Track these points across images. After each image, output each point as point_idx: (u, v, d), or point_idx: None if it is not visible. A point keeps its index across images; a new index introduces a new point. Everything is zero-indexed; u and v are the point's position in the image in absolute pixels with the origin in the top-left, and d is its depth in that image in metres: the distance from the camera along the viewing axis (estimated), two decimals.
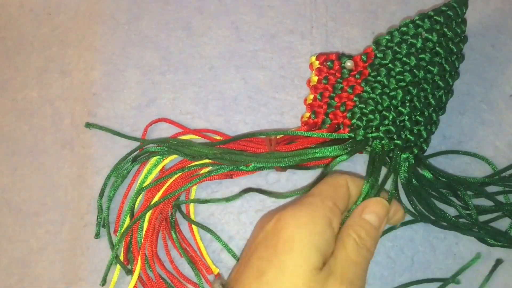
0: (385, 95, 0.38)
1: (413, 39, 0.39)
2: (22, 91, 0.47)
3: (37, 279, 0.41)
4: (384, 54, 0.39)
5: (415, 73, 0.38)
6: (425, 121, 0.38)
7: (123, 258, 0.39)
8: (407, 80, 0.38)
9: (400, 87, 0.38)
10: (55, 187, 0.44)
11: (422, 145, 0.38)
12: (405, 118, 0.38)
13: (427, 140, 0.38)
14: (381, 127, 0.37)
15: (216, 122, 0.44)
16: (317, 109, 0.40)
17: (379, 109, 0.38)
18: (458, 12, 0.39)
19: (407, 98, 0.38)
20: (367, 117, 0.38)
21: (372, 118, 0.38)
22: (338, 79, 0.41)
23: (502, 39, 0.46)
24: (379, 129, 0.37)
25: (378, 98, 0.38)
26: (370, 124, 0.38)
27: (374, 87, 0.39)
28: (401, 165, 0.38)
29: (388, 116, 0.38)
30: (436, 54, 0.39)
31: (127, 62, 0.46)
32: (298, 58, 0.46)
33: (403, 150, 0.37)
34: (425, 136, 0.38)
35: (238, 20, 0.47)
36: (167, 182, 0.40)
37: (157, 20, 0.48)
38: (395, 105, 0.38)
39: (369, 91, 0.39)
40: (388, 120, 0.37)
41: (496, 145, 0.42)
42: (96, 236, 0.41)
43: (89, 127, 0.44)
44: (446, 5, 0.40)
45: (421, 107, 0.38)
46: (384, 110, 0.38)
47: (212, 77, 0.46)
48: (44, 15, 0.50)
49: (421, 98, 0.38)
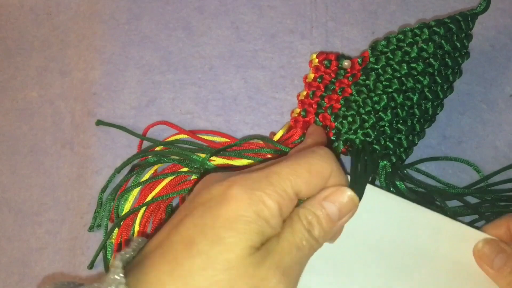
0: (369, 99, 0.38)
1: (408, 47, 0.39)
2: (22, 91, 0.47)
3: (37, 279, 0.41)
4: (376, 59, 0.39)
5: (403, 81, 0.38)
6: (407, 130, 0.38)
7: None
8: (394, 87, 0.38)
9: (385, 93, 0.38)
10: (55, 187, 0.44)
11: (401, 154, 0.38)
12: (385, 124, 0.38)
13: (407, 151, 0.38)
14: (359, 130, 0.37)
15: (216, 122, 0.44)
16: (308, 107, 0.40)
17: (361, 112, 0.38)
18: (462, 26, 0.39)
19: (391, 104, 0.38)
20: (347, 120, 0.38)
21: (351, 121, 0.38)
22: (332, 79, 0.41)
23: (502, 39, 0.46)
24: (357, 132, 0.37)
25: (361, 102, 0.38)
26: (350, 127, 0.38)
27: (360, 91, 0.39)
28: (380, 173, 0.38)
29: (367, 120, 0.38)
30: (429, 65, 0.38)
31: (127, 62, 0.47)
32: (298, 58, 0.46)
33: (381, 157, 0.37)
34: (405, 146, 0.38)
35: (238, 20, 0.47)
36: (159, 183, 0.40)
37: (157, 20, 0.48)
38: (376, 110, 0.38)
39: (355, 95, 0.39)
40: (367, 124, 0.37)
41: (496, 145, 0.42)
42: (90, 230, 0.41)
43: (99, 125, 0.44)
44: (449, 18, 0.39)
45: (404, 115, 0.38)
46: (365, 114, 0.38)
47: (212, 77, 0.46)
48: (44, 15, 0.50)
49: (405, 107, 0.38)
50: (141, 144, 0.43)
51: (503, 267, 0.33)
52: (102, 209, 0.41)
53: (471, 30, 0.40)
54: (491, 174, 0.41)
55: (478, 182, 0.41)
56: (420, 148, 0.41)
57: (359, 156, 0.36)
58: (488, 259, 0.33)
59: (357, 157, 0.35)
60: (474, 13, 0.40)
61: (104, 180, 0.43)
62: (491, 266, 0.33)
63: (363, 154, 0.36)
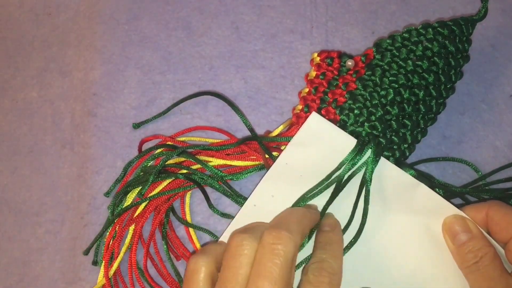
0: (375, 93, 0.39)
1: (413, 46, 0.39)
2: (22, 91, 0.47)
3: (37, 279, 0.41)
4: (382, 56, 0.40)
5: (409, 77, 0.39)
6: (412, 126, 0.38)
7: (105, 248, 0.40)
8: (400, 82, 0.38)
9: (392, 88, 0.38)
10: (55, 187, 0.44)
11: (405, 150, 0.38)
12: (392, 118, 0.38)
13: (410, 147, 0.39)
14: (366, 123, 0.38)
15: (216, 122, 0.44)
16: (310, 103, 0.40)
17: (368, 105, 0.38)
18: (463, 30, 0.40)
19: (397, 99, 0.38)
20: (353, 113, 0.38)
21: (358, 113, 0.38)
22: (335, 76, 0.41)
23: (502, 39, 0.46)
24: (364, 124, 0.38)
25: (368, 95, 0.39)
26: (357, 119, 0.38)
27: (366, 85, 0.39)
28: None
29: (375, 112, 0.38)
30: (433, 63, 0.39)
31: (127, 62, 0.47)
32: (298, 58, 0.46)
33: (386, 151, 0.38)
34: (410, 141, 0.38)
35: (238, 20, 0.47)
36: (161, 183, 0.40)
37: (157, 20, 0.48)
38: (383, 104, 0.38)
39: (361, 89, 0.39)
40: (374, 117, 0.38)
41: (496, 145, 0.42)
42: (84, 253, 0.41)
43: (137, 127, 0.44)
44: (452, 20, 0.40)
45: (410, 110, 0.38)
46: (372, 107, 0.38)
47: (212, 77, 0.46)
48: (44, 15, 0.50)
49: (411, 102, 0.38)
50: (141, 145, 0.43)
51: (462, 246, 0.33)
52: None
53: (471, 36, 0.41)
54: (489, 173, 0.41)
55: (476, 180, 0.41)
56: (420, 148, 0.41)
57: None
58: (452, 234, 0.34)
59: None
60: (473, 19, 0.40)
61: (104, 180, 0.43)
62: (453, 241, 0.34)
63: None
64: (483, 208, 0.34)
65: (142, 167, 0.41)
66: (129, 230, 0.40)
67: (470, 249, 0.33)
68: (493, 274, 0.32)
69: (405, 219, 0.35)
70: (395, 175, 0.36)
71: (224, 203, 0.41)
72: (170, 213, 0.41)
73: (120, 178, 0.42)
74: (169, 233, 0.40)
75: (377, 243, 0.35)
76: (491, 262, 0.32)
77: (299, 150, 0.36)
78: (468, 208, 0.35)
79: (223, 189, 0.39)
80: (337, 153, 0.36)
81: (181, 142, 0.43)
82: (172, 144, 0.42)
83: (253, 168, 0.40)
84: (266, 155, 0.39)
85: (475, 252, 0.32)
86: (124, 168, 0.42)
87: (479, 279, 0.32)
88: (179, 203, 0.41)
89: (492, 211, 0.34)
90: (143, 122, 0.44)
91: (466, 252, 0.33)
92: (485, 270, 0.32)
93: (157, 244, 0.40)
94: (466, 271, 0.33)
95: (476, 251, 0.32)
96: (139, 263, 0.40)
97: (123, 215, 0.40)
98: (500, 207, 0.34)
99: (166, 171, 0.40)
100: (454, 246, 0.34)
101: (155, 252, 0.40)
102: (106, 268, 0.38)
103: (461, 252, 0.33)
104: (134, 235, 0.39)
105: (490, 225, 0.34)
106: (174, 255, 0.40)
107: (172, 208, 0.41)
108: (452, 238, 0.34)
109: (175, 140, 0.42)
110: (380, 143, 0.37)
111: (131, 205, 0.39)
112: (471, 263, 0.32)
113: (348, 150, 0.36)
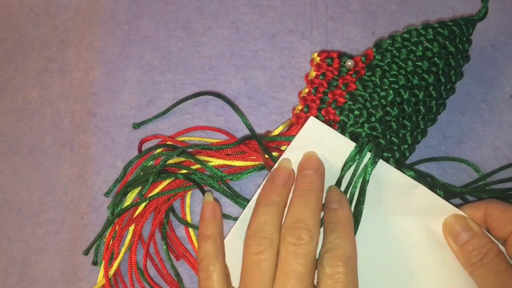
0: (375, 94, 0.38)
1: (413, 46, 0.39)
2: (22, 91, 0.47)
3: (36, 279, 0.41)
4: (382, 56, 0.40)
5: (409, 78, 0.38)
6: (412, 126, 0.38)
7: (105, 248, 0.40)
8: (400, 83, 0.38)
9: (392, 88, 0.38)
10: (55, 187, 0.44)
11: (404, 151, 0.38)
12: (392, 119, 0.38)
13: (410, 148, 0.39)
14: (366, 124, 0.38)
15: (216, 122, 0.44)
16: (310, 103, 0.40)
17: (367, 106, 0.38)
18: (464, 30, 0.40)
19: (397, 100, 0.38)
20: (353, 113, 0.38)
21: (358, 114, 0.38)
22: (335, 76, 0.41)
23: (502, 39, 0.46)
24: (364, 125, 0.38)
25: (368, 96, 0.39)
26: (357, 120, 0.38)
27: (366, 86, 0.39)
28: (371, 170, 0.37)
29: (375, 113, 0.38)
30: (433, 64, 0.39)
31: (127, 62, 0.47)
32: (298, 58, 0.46)
33: (385, 152, 0.38)
34: (409, 142, 0.38)
35: (238, 20, 0.47)
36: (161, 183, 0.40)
37: (157, 20, 0.48)
38: (383, 105, 0.38)
39: (361, 89, 0.39)
40: (374, 118, 0.38)
41: (496, 145, 0.42)
42: (84, 253, 0.41)
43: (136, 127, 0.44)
44: (452, 21, 0.40)
45: (410, 111, 0.38)
46: (372, 108, 0.38)
47: (212, 77, 0.46)
48: (44, 15, 0.50)
49: (411, 103, 0.38)
50: (141, 145, 0.43)
51: (465, 244, 0.33)
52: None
53: (471, 36, 0.41)
54: (489, 173, 0.41)
55: (476, 180, 0.41)
56: (420, 148, 0.41)
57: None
58: (453, 234, 0.34)
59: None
60: (474, 19, 0.40)
61: (104, 180, 0.43)
62: (455, 241, 0.33)
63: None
64: (481, 206, 0.34)
65: (142, 167, 0.41)
66: (129, 230, 0.40)
67: (474, 247, 0.33)
68: (499, 267, 0.31)
69: (404, 221, 0.35)
70: (393, 176, 0.36)
71: (224, 203, 0.41)
72: (170, 213, 0.41)
73: (120, 178, 0.42)
74: (169, 233, 0.40)
75: (377, 245, 0.35)
76: (496, 256, 0.32)
77: (298, 154, 0.36)
78: (466, 207, 0.35)
79: (222, 189, 0.39)
80: (335, 156, 0.36)
81: (181, 142, 0.43)
82: (172, 144, 0.42)
83: (253, 168, 0.40)
84: (266, 155, 0.39)
85: (479, 249, 0.32)
86: (124, 168, 0.42)
87: (485, 274, 0.32)
88: (179, 203, 0.41)
89: (490, 208, 0.34)
90: (143, 122, 0.44)
91: (470, 250, 0.33)
92: (490, 264, 0.32)
93: (157, 244, 0.40)
94: (471, 269, 0.33)
95: (480, 248, 0.32)
96: (139, 263, 0.40)
97: (123, 215, 0.40)
98: (498, 204, 0.34)
99: (166, 171, 0.40)
100: (456, 246, 0.33)
101: (155, 252, 0.40)
102: (106, 268, 0.38)
103: (465, 250, 0.33)
104: (134, 235, 0.39)
105: (489, 222, 0.34)
106: (174, 255, 0.40)
107: (172, 208, 0.41)
108: (454, 238, 0.34)
109: (175, 140, 0.42)
110: (380, 144, 0.37)
111: (131, 205, 0.39)
112: (476, 260, 0.32)
113: (347, 154, 0.36)
